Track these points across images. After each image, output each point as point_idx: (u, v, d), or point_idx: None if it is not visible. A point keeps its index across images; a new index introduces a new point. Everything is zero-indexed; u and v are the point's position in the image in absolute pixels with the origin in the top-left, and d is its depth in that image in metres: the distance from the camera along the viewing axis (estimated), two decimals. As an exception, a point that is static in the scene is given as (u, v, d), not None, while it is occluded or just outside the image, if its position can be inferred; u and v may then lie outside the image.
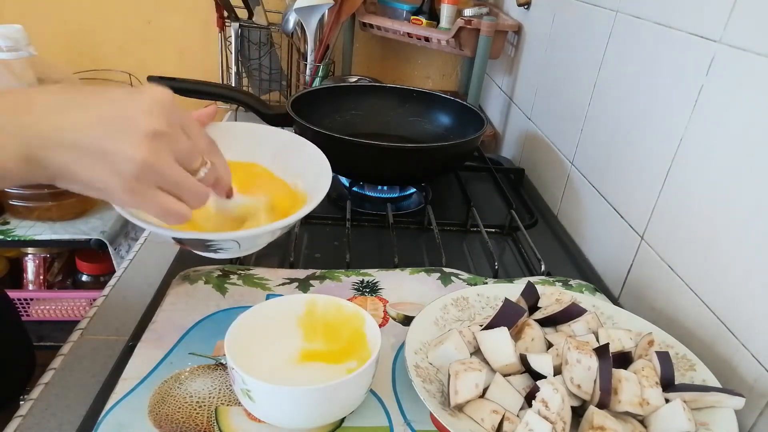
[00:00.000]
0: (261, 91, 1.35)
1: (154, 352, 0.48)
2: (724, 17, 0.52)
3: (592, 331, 0.49)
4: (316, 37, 1.24)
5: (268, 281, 0.59)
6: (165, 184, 0.37)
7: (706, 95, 0.54)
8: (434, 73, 1.55)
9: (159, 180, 0.37)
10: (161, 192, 0.37)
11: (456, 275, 0.63)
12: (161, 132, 0.36)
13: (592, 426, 0.39)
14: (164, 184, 0.37)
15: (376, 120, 0.97)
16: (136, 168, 0.35)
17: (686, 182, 0.57)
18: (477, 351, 0.48)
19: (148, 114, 0.35)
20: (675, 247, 0.58)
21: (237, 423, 0.42)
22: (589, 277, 0.70)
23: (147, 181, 0.36)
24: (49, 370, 0.53)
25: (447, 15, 1.22)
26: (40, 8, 1.42)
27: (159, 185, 0.37)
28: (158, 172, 0.36)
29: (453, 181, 0.91)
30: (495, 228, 0.80)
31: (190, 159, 0.39)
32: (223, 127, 0.54)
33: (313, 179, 0.52)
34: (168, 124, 0.36)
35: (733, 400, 0.42)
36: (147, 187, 0.36)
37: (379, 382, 0.47)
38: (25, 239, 1.10)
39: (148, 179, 0.36)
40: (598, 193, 0.75)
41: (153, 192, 0.37)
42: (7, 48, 0.68)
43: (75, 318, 1.24)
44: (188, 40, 1.48)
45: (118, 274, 0.69)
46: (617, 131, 0.71)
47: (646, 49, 0.66)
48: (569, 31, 0.89)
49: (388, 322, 0.55)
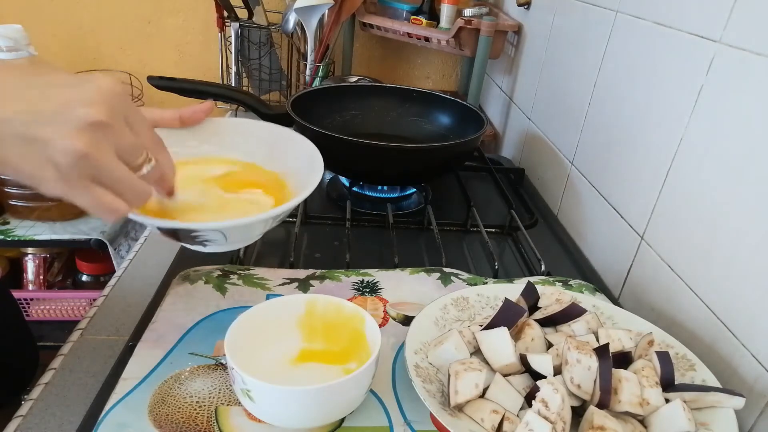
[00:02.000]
0: (261, 91, 1.35)
1: (154, 352, 0.48)
2: (724, 17, 0.52)
3: (592, 331, 0.49)
4: (316, 37, 1.24)
5: (268, 281, 0.59)
6: (102, 178, 0.35)
7: (706, 95, 0.54)
8: (434, 73, 1.55)
9: (95, 173, 0.35)
10: (97, 186, 0.35)
11: (456, 275, 0.63)
12: (101, 123, 0.34)
13: (592, 426, 0.39)
14: (101, 178, 0.35)
15: (376, 120, 0.97)
16: (70, 158, 0.33)
17: (686, 182, 0.57)
18: (477, 351, 0.48)
19: (89, 104, 0.34)
20: (675, 247, 0.58)
21: (237, 423, 0.42)
22: (589, 277, 0.70)
23: (82, 173, 0.34)
24: (49, 370, 0.53)
25: (447, 15, 1.22)
26: (40, 8, 1.42)
27: (95, 178, 0.35)
28: (94, 165, 0.34)
29: (453, 181, 0.91)
30: (495, 228, 0.80)
31: (132, 154, 0.37)
32: (217, 123, 0.54)
33: (305, 172, 0.51)
34: (110, 116, 0.34)
35: (733, 400, 0.42)
36: (81, 179, 0.34)
37: (379, 382, 0.47)
38: (25, 239, 1.10)
39: (83, 171, 0.34)
40: (598, 193, 0.75)
41: (88, 185, 0.35)
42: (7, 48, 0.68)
43: (75, 318, 1.25)
44: (188, 40, 1.48)
45: (118, 274, 0.69)
46: (617, 131, 0.71)
47: (646, 49, 0.66)
48: (569, 31, 0.89)
49: (388, 322, 0.55)
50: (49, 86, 0.34)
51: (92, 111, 0.33)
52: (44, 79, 0.35)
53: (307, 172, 0.51)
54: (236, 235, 0.47)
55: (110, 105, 0.35)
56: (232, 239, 0.46)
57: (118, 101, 0.35)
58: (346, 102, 0.97)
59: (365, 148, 0.74)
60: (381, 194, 0.87)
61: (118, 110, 0.36)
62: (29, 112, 0.33)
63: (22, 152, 0.33)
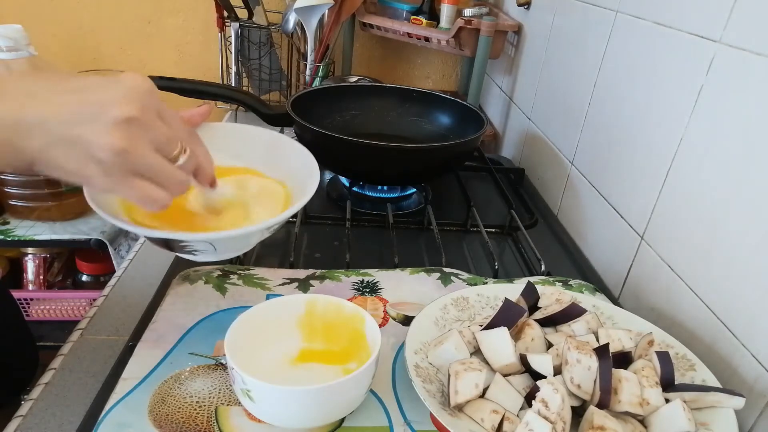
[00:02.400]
0: (261, 91, 1.35)
1: (154, 352, 0.48)
2: (724, 17, 0.52)
3: (592, 331, 0.49)
4: (316, 37, 1.24)
5: (268, 281, 0.59)
6: (142, 170, 0.37)
7: (706, 95, 0.54)
8: (434, 73, 1.55)
9: (136, 166, 0.36)
10: (139, 179, 0.37)
11: (456, 275, 0.63)
12: (135, 118, 0.36)
13: (592, 426, 0.39)
14: (142, 171, 0.37)
15: (376, 120, 0.97)
16: (110, 154, 0.35)
17: (686, 182, 0.57)
18: (477, 351, 0.48)
19: (122, 101, 0.35)
20: (675, 247, 0.58)
21: (237, 423, 0.42)
22: (589, 277, 0.70)
23: (123, 167, 0.36)
24: (49, 370, 0.53)
25: (447, 15, 1.22)
26: (40, 8, 1.42)
27: (136, 172, 0.37)
28: (134, 159, 0.36)
29: (453, 181, 0.91)
30: (495, 228, 0.80)
31: (168, 146, 0.39)
32: (213, 127, 0.54)
33: (301, 180, 0.51)
34: (143, 112, 0.36)
35: (733, 400, 0.42)
36: (124, 173, 0.36)
37: (379, 382, 0.47)
38: (25, 239, 1.10)
39: (125, 166, 0.36)
40: (598, 193, 0.75)
41: (130, 178, 0.37)
42: (7, 48, 0.68)
43: (75, 318, 1.24)
44: (188, 40, 1.48)
45: (118, 274, 0.69)
46: (617, 131, 0.71)
47: (646, 49, 0.66)
48: (569, 31, 0.89)
49: (388, 322, 0.55)
50: (81, 90, 0.36)
51: (126, 108, 0.35)
52: (75, 83, 0.36)
53: (303, 179, 0.51)
54: (226, 246, 0.47)
55: (142, 101, 0.36)
56: (221, 250, 0.46)
57: (148, 97, 0.37)
58: (346, 102, 0.97)
59: (365, 148, 0.74)
60: (381, 194, 0.87)
61: (150, 106, 0.37)
62: (67, 114, 0.35)
63: (66, 153, 0.35)
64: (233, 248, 0.49)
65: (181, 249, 0.45)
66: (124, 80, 0.37)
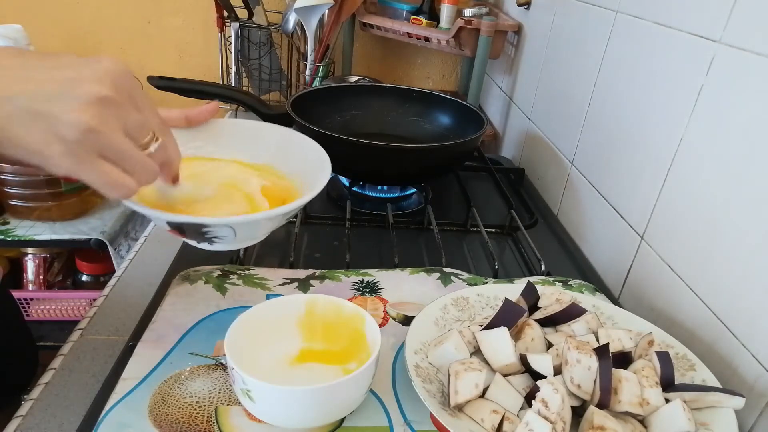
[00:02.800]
0: (261, 91, 1.35)
1: (154, 352, 0.48)
2: (724, 17, 0.52)
3: (592, 331, 0.49)
4: (316, 37, 1.24)
5: (268, 281, 0.59)
6: (110, 153, 0.35)
7: (706, 95, 0.54)
8: (434, 73, 1.55)
9: (103, 148, 0.35)
10: (105, 161, 0.35)
11: (456, 275, 0.63)
12: (108, 98, 0.34)
13: (592, 426, 0.39)
14: (109, 153, 0.35)
15: (376, 120, 0.97)
16: (77, 132, 0.33)
17: (686, 182, 0.57)
18: (477, 351, 0.48)
19: (96, 80, 0.34)
20: (675, 247, 0.58)
21: (237, 423, 0.42)
22: (589, 277, 0.70)
23: (89, 147, 0.34)
24: (49, 370, 0.53)
25: (447, 15, 1.22)
26: (40, 8, 1.42)
27: (103, 154, 0.35)
28: (102, 140, 0.34)
29: (453, 181, 0.91)
30: (495, 228, 0.80)
31: (139, 132, 0.37)
32: (222, 124, 0.54)
33: (313, 173, 0.51)
34: (116, 92, 0.35)
35: (733, 400, 0.42)
36: (90, 154, 0.34)
37: (379, 382, 0.47)
38: (25, 239, 1.10)
39: (91, 146, 0.34)
40: (598, 193, 0.75)
41: (95, 160, 0.35)
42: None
43: (75, 318, 1.24)
44: (188, 40, 1.48)
45: (118, 274, 0.69)
46: (617, 131, 0.71)
47: (646, 49, 0.66)
48: (569, 31, 0.89)
49: (388, 322, 0.55)
50: (54, 67, 0.34)
51: (99, 87, 0.34)
52: (49, 61, 0.35)
53: (314, 173, 0.51)
54: (245, 232, 0.46)
55: (116, 82, 0.35)
56: (241, 236, 0.46)
57: (123, 79, 0.36)
58: (346, 102, 0.97)
59: (365, 148, 0.74)
60: (381, 194, 0.87)
61: (124, 88, 0.36)
62: (36, 90, 0.33)
63: (29, 128, 0.33)
64: (250, 236, 0.48)
65: (200, 236, 0.44)
66: (101, 60, 0.35)
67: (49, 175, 1.05)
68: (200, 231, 0.44)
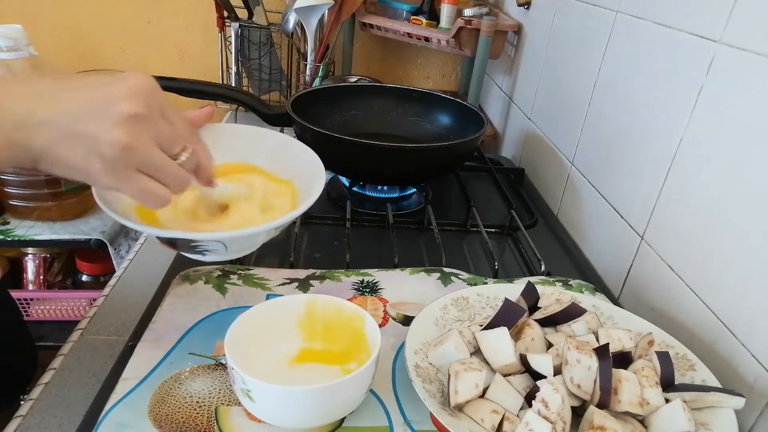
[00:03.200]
0: (261, 91, 1.35)
1: (154, 352, 0.48)
2: (724, 17, 0.52)
3: (592, 331, 0.49)
4: (316, 37, 1.24)
5: (268, 281, 0.59)
6: (145, 167, 0.38)
7: (706, 95, 0.54)
8: (434, 73, 1.55)
9: (139, 163, 0.37)
10: (142, 175, 0.38)
11: (456, 275, 0.63)
12: (140, 115, 0.36)
13: (592, 426, 0.39)
14: (145, 167, 0.38)
15: (376, 120, 0.97)
16: (115, 150, 0.35)
17: (686, 182, 0.57)
18: (477, 351, 0.48)
19: (127, 98, 0.36)
20: (675, 247, 0.58)
21: (237, 423, 0.42)
22: (589, 277, 0.70)
23: (127, 163, 0.36)
24: (49, 370, 0.53)
25: (447, 15, 1.22)
26: (40, 8, 1.42)
27: (139, 168, 0.37)
28: (138, 155, 0.37)
29: (453, 181, 0.91)
30: (495, 228, 0.80)
31: (171, 144, 0.39)
32: (218, 129, 0.54)
33: (308, 181, 0.51)
34: (147, 109, 0.37)
35: (733, 400, 0.42)
36: (127, 169, 0.37)
37: (379, 382, 0.47)
38: (25, 239, 1.10)
39: (129, 162, 0.36)
40: (598, 193, 0.75)
41: (133, 175, 0.37)
42: (7, 48, 0.68)
43: (75, 318, 1.24)
44: (188, 40, 1.48)
45: (118, 274, 0.69)
46: (617, 131, 0.71)
47: (646, 49, 0.66)
48: (569, 31, 0.89)
49: (388, 322, 0.55)
50: (86, 88, 0.37)
51: (131, 105, 0.36)
52: (78, 82, 0.37)
53: (309, 180, 0.51)
54: (237, 245, 0.47)
55: (146, 99, 0.37)
56: (232, 249, 0.47)
57: (152, 95, 0.38)
58: (346, 102, 0.97)
59: (365, 148, 0.74)
60: (381, 194, 0.87)
61: (154, 104, 0.38)
62: (73, 111, 0.35)
63: (71, 149, 0.36)
64: (243, 247, 0.49)
65: (191, 249, 0.46)
66: (129, 78, 0.37)
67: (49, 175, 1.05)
68: (190, 245, 0.45)
